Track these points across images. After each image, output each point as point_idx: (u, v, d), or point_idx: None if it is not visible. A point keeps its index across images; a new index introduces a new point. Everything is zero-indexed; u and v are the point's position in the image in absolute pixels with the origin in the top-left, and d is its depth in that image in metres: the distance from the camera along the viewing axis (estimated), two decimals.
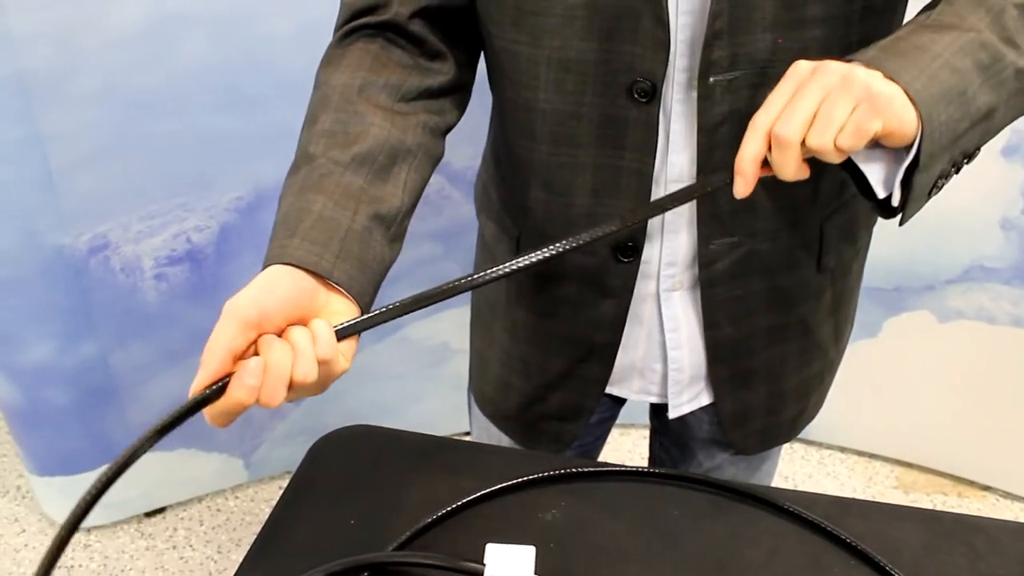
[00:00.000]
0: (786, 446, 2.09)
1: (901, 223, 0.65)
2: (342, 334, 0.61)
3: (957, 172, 0.65)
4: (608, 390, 0.94)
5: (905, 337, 1.91)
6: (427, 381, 1.98)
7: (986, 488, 2.00)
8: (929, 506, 1.96)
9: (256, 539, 0.79)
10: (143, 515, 1.94)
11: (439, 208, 1.75)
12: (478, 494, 0.81)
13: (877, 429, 2.05)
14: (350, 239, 0.65)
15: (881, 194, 0.63)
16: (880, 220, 0.72)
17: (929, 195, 0.63)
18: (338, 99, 0.72)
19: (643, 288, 0.85)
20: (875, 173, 0.62)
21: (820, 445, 2.12)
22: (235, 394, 0.56)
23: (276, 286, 0.61)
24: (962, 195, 1.72)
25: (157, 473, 1.84)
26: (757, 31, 0.69)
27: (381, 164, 0.70)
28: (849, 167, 0.63)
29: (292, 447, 1.97)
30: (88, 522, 1.89)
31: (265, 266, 0.64)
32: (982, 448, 1.95)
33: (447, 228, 1.78)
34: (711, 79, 0.71)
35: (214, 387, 0.56)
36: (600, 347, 0.89)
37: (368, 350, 1.90)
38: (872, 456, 2.09)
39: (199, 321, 1.71)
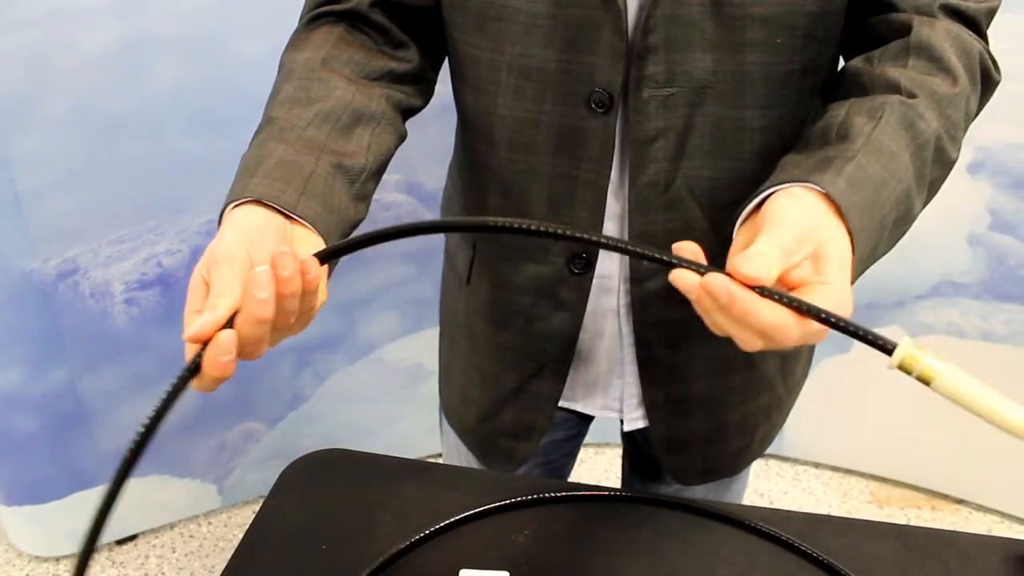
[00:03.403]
0: (760, 462, 2.11)
1: None
2: (323, 257, 0.57)
3: None
4: (572, 406, 0.94)
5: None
6: (402, 403, 1.97)
7: (959, 501, 2.02)
8: (904, 520, 1.97)
9: (226, 567, 0.78)
10: (114, 543, 1.90)
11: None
12: (450, 520, 0.80)
13: (851, 444, 2.06)
14: (314, 180, 0.64)
15: None
16: None
17: None
18: (301, 70, 0.71)
19: (604, 303, 0.85)
20: None
21: (795, 461, 2.13)
22: (254, 310, 0.53)
23: (251, 225, 0.59)
24: (929, 212, 1.74)
25: (128, 500, 1.80)
26: (695, 50, 0.70)
27: (344, 123, 0.69)
28: None
29: (266, 471, 1.95)
30: (57, 551, 1.86)
31: (224, 209, 0.62)
32: (955, 462, 1.97)
33: (420, 249, 1.78)
34: (644, 93, 0.71)
35: (198, 357, 0.54)
36: (552, 362, 0.88)
37: (342, 372, 1.89)
38: (847, 471, 2.10)
39: (170, 346, 1.69)
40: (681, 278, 0.53)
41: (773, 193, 0.58)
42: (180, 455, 1.84)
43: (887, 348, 0.53)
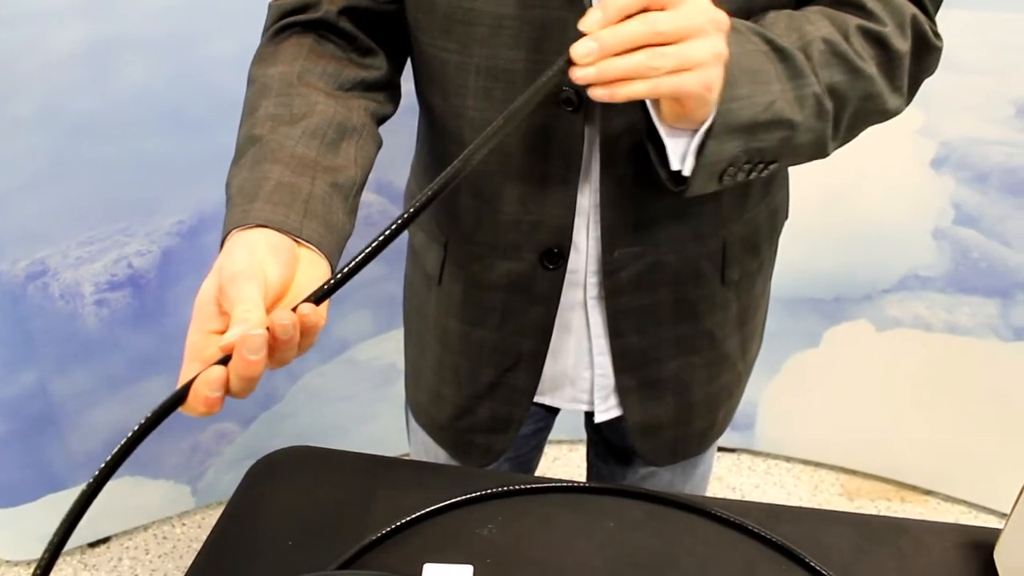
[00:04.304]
0: (732, 456, 2.13)
1: (687, 194, 0.69)
2: (318, 299, 0.57)
3: (751, 174, 0.70)
4: (540, 400, 0.95)
5: (846, 346, 1.96)
6: (375, 402, 1.98)
7: (928, 492, 2.05)
8: (874, 512, 1.99)
9: (193, 564, 0.79)
10: (86, 546, 1.90)
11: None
12: (417, 514, 0.81)
13: (821, 438, 2.09)
14: (313, 202, 0.64)
15: (675, 165, 0.67)
16: (807, 237, 0.75)
17: (721, 180, 0.68)
18: (278, 86, 0.71)
19: (571, 296, 0.86)
20: (675, 147, 0.67)
21: (767, 455, 2.15)
22: (243, 369, 0.53)
23: (261, 243, 0.59)
24: (895, 207, 1.78)
25: (101, 502, 1.79)
26: None
27: (331, 138, 0.69)
28: (652, 139, 0.68)
29: (239, 471, 1.93)
30: (28, 555, 1.85)
31: (226, 234, 0.61)
32: (923, 453, 2.00)
33: (391, 248, 1.78)
34: None
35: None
36: (528, 356, 0.90)
37: (315, 371, 1.89)
38: (817, 465, 2.13)
39: (141, 347, 1.69)
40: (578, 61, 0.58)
41: None
42: (153, 456, 1.83)
43: None
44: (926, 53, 0.75)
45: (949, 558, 0.80)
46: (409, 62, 0.84)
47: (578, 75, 0.59)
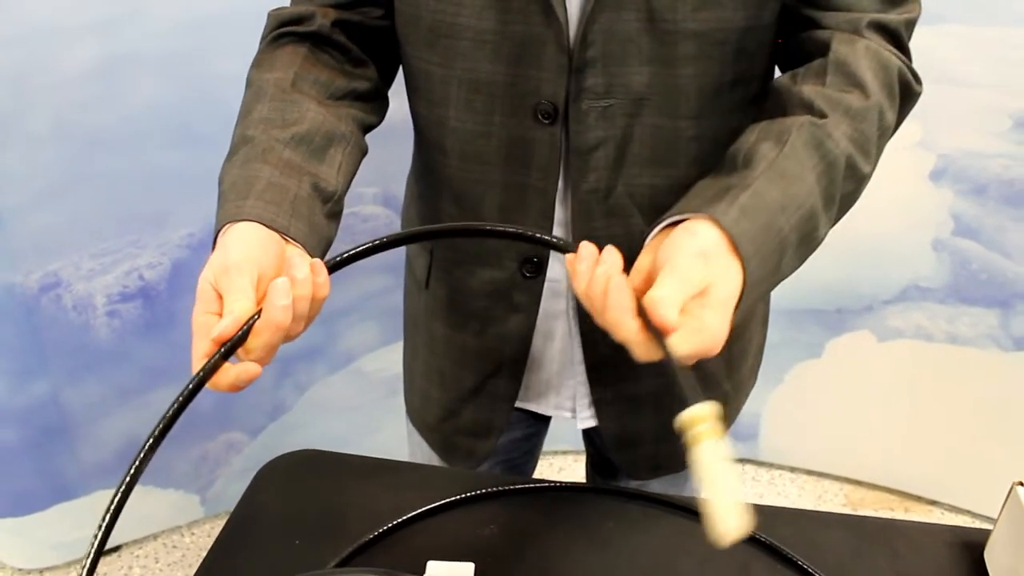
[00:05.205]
0: (736, 466, 2.13)
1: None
2: (332, 267, 0.64)
3: None
4: (526, 406, 0.97)
5: (848, 357, 1.97)
6: (382, 412, 1.99)
7: (932, 503, 2.05)
8: None
9: (203, 561, 0.81)
10: None
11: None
12: (418, 511, 0.83)
13: (825, 448, 2.09)
14: (299, 202, 0.68)
15: None
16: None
17: None
18: (273, 90, 0.75)
19: (555, 305, 0.88)
20: None
21: (770, 465, 2.16)
22: (274, 316, 0.58)
23: (253, 237, 0.63)
24: (895, 218, 1.79)
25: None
26: (632, 63, 0.73)
27: (318, 145, 0.73)
28: None
29: (247, 481, 1.95)
30: (40, 563, 1.87)
31: (219, 228, 0.65)
32: (927, 463, 2.01)
33: (398, 261, 1.80)
34: (584, 105, 0.75)
35: (246, 327, 0.58)
36: (509, 363, 0.91)
37: (322, 382, 1.91)
38: (821, 475, 2.13)
39: (152, 358, 1.72)
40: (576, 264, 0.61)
41: (676, 224, 0.63)
42: (162, 465, 1.85)
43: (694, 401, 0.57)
44: (907, 103, 0.76)
45: (941, 558, 0.82)
46: (402, 75, 0.87)
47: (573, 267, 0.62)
